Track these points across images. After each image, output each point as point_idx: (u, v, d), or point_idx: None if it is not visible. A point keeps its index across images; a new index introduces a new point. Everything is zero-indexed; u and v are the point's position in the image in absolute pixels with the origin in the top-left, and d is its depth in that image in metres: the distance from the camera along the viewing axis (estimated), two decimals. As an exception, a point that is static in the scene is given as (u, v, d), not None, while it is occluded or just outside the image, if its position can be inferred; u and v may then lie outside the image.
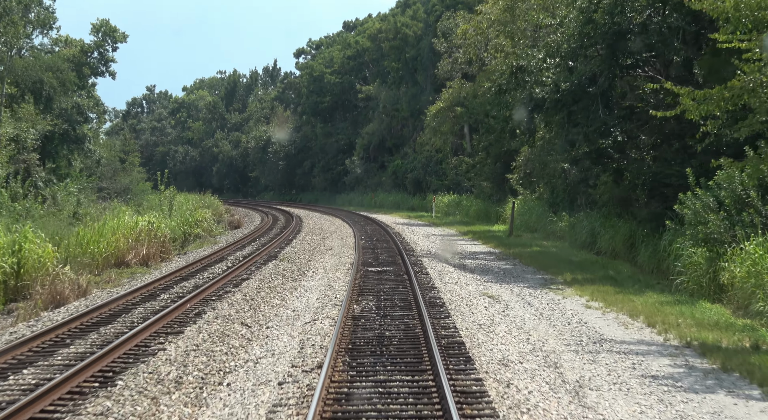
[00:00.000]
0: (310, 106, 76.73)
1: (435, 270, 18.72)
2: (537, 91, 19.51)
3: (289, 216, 45.11)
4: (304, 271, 18.55)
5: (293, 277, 17.16)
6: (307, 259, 21.04)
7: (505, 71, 20.57)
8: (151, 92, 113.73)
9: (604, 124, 18.53)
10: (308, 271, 18.61)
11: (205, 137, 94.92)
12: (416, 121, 62.94)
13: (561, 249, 25.90)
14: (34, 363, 9.54)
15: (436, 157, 57.46)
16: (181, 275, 17.62)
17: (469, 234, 32.79)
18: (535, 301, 15.15)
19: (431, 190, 56.63)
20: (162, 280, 16.46)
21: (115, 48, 57.71)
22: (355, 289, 15.02)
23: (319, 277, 17.45)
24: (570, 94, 18.70)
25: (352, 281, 15.82)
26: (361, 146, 68.92)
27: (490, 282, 17.69)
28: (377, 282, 16.26)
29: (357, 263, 19.40)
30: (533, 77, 19.63)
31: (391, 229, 33.14)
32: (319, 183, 76.43)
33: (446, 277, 17.68)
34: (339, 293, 14.85)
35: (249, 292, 14.84)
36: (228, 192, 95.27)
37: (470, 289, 16.09)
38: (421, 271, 18.31)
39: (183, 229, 32.62)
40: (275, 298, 14.47)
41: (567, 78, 18.63)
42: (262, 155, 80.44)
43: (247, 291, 15.05)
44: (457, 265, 20.48)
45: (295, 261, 20.39)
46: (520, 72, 19.87)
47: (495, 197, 41.58)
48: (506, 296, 15.55)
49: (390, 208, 59.13)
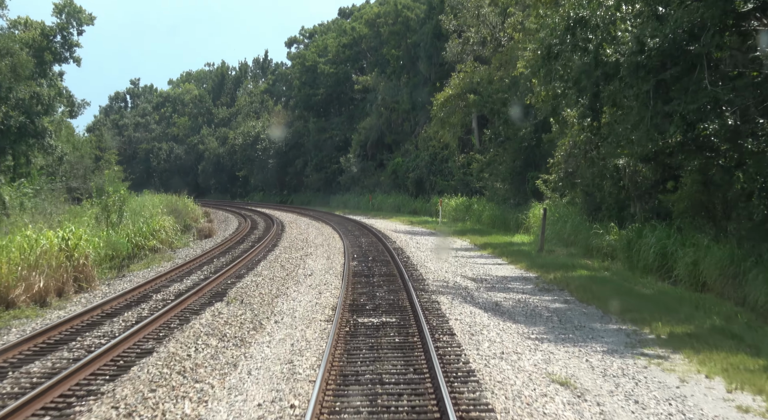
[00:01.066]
0: (303, 99, 70.36)
1: (461, 321, 12.33)
2: (608, 52, 13.26)
3: (271, 222, 38.75)
4: (259, 324, 12.11)
5: (235, 342, 10.65)
6: (272, 297, 14.62)
7: (557, 25, 14.22)
8: (135, 86, 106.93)
9: (713, 100, 12.23)
10: (265, 324, 12.18)
11: (190, 133, 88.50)
12: (418, 115, 56.61)
13: (617, 273, 19.54)
14: None
15: (441, 155, 51.10)
16: (47, 340, 11.05)
17: (488, 248, 26.45)
18: (641, 391, 8.84)
19: (436, 191, 50.28)
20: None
21: (80, 31, 51.44)
22: (331, 378, 8.67)
23: (279, 338, 11.01)
24: (660, 55, 12.43)
25: (330, 352, 9.47)
26: (358, 143, 62.57)
27: (548, 341, 11.36)
28: (372, 354, 9.90)
29: (343, 307, 13.06)
30: (600, 33, 13.38)
31: (391, 242, 26.83)
32: (313, 183, 70.09)
33: (480, 335, 11.29)
34: (301, 389, 8.43)
35: (130, 398, 8.42)
36: (216, 192, 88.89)
37: (525, 365, 9.69)
38: (441, 324, 11.92)
39: (136, 241, 26.48)
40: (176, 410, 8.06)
41: (656, 31, 12.34)
42: (250, 153, 74.06)
43: (126, 396, 8.65)
44: (490, 307, 14.10)
45: (251, 302, 13.95)
46: (580, 26, 13.62)
47: (513, 201, 35.23)
48: (587, 381, 9.21)
49: (389, 211, 52.79)
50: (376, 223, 40.76)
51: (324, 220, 40.64)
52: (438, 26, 51.48)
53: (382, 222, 41.75)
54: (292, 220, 42.42)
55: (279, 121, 74.92)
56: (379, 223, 40.91)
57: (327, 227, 35.62)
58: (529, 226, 31.10)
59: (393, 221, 43.27)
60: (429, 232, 34.16)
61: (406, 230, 35.20)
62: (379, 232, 31.75)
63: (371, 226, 36.32)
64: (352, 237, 29.34)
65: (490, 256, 24.25)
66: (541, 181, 25.10)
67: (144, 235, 27.15)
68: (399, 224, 40.12)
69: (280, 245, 26.33)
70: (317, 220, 41.42)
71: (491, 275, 19.17)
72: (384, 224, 39.81)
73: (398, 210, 52.37)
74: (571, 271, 19.98)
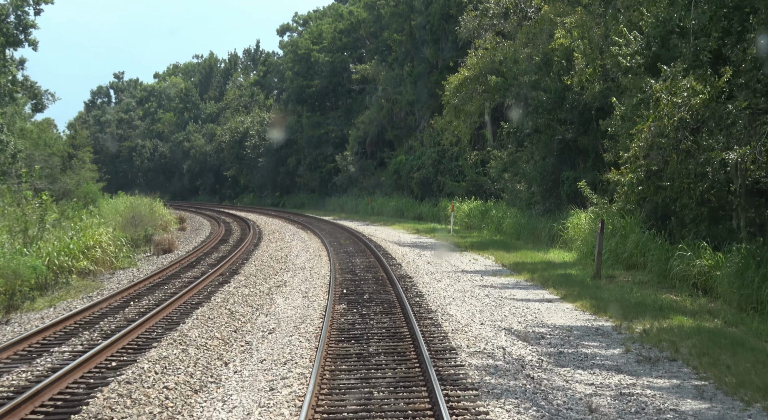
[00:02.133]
0: (296, 92, 63.84)
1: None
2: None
3: (247, 231, 32.15)
4: None
5: None
6: (182, 405, 8.03)
7: None
8: (119, 79, 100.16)
9: None
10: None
11: (176, 130, 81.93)
12: (424, 108, 50.10)
13: (734, 321, 13.01)
14: None
15: (450, 152, 44.60)
16: None
17: (523, 271, 19.93)
18: None
19: (444, 194, 43.79)
20: None
21: (38, 11, 45.11)
22: None
23: None
24: None
25: None
26: (356, 139, 56.07)
27: None
28: None
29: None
30: None
31: (395, 265, 20.36)
32: (307, 184, 63.60)
33: None
34: None
35: None
36: (205, 194, 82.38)
37: None
38: None
39: (60, 262, 20.27)
40: None
41: None
42: (238, 151, 67.51)
43: None
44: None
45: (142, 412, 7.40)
46: None
47: (542, 207, 28.71)
48: None
49: (391, 216, 46.28)
50: (377, 231, 34.26)
51: (313, 229, 34.14)
52: (447, 4, 44.98)
53: (383, 230, 35.24)
54: (276, 228, 35.87)
55: (270, 116, 68.43)
56: (379, 231, 34.40)
57: (315, 240, 29.13)
58: (568, 239, 24.60)
59: (396, 229, 36.77)
60: (440, 244, 27.66)
61: (413, 242, 28.73)
62: (380, 247, 25.29)
63: (370, 237, 29.85)
64: (344, 255, 22.87)
65: (530, 285, 17.73)
66: (611, 177, 18.41)
67: (72, 254, 20.76)
68: (403, 233, 33.62)
69: (245, 269, 19.84)
70: (305, 229, 34.88)
71: (547, 326, 12.64)
72: (385, 233, 33.31)
73: (401, 215, 45.87)
74: (662, 316, 13.41)
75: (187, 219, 45.10)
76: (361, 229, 35.31)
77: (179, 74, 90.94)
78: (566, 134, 27.44)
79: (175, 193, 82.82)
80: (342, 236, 30.34)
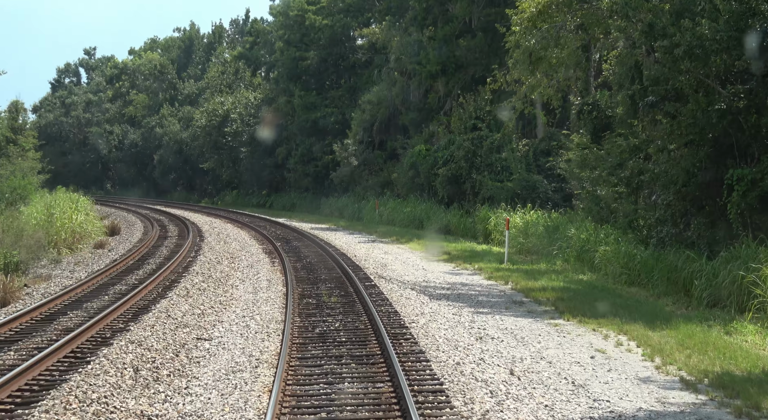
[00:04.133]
0: (287, 66, 51.40)
1: None
2: None
3: (176, 252, 19.64)
4: None
5: None
6: None
7: None
8: (90, 56, 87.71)
9: None
10: None
11: (149, 114, 69.51)
12: (452, 81, 37.73)
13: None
14: None
15: (491, 140, 32.22)
16: None
17: (719, 394, 7.53)
18: None
19: (481, 197, 31.41)
20: None
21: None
22: None
23: None
24: None
25: None
26: (360, 124, 43.70)
27: None
28: None
29: None
30: None
31: (431, 375, 7.93)
32: (298, 180, 51.22)
33: None
34: None
35: None
36: (183, 190, 69.97)
37: None
38: None
39: None
40: None
41: None
42: (216, 138, 55.10)
43: None
44: None
45: None
46: None
47: (690, 231, 16.22)
48: None
49: (406, 226, 34.02)
50: (387, 258, 21.86)
51: (291, 250, 21.76)
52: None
53: (397, 255, 22.81)
54: (232, 251, 23.49)
55: (256, 96, 56.11)
56: (391, 258, 21.98)
57: (276, 281, 16.68)
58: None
59: (415, 251, 24.39)
60: (497, 292, 15.24)
61: (448, 285, 16.37)
62: (392, 304, 13.00)
63: (376, 273, 17.54)
64: (318, 343, 10.57)
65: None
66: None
67: None
68: (427, 262, 21.19)
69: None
70: (272, 256, 22.38)
71: None
72: (400, 262, 20.90)
73: (420, 225, 33.53)
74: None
75: (124, 228, 32.80)
76: (362, 253, 22.92)
77: (158, 50, 78.43)
78: (735, 103, 15.00)
79: (149, 189, 70.61)
80: (329, 274, 17.91)
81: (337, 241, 27.34)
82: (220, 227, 32.79)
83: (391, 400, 8.06)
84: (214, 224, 34.57)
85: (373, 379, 8.90)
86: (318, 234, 30.11)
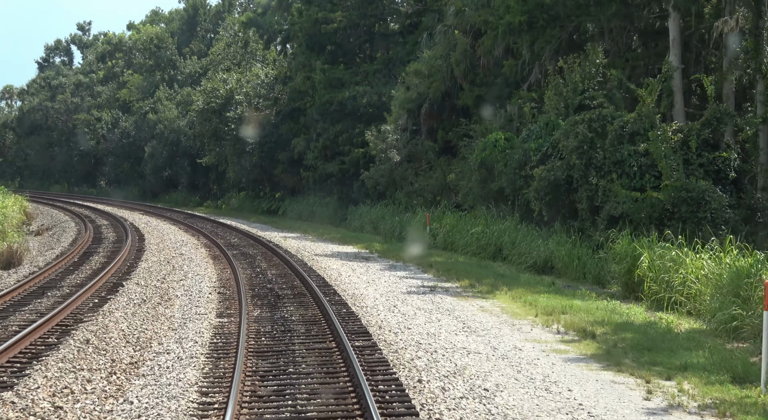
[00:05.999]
0: (306, 33, 39.51)
1: None
2: None
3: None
4: None
5: None
6: None
7: None
8: (84, 32, 76.48)
9: None
10: None
11: (144, 97, 58.03)
12: (541, 39, 25.71)
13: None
14: None
15: (618, 123, 20.03)
16: None
17: None
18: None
19: (606, 215, 19.22)
20: None
21: None
22: None
23: None
24: None
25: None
26: (402, 105, 31.78)
27: None
28: None
29: None
30: None
31: None
32: (319, 181, 39.40)
33: None
34: None
35: None
36: (184, 190, 58.26)
37: None
38: None
39: None
40: None
41: None
42: (216, 125, 43.44)
43: None
44: None
45: None
46: None
47: None
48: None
49: (474, 254, 22.15)
50: (469, 342, 9.69)
51: (275, 325, 9.92)
52: None
53: (481, 323, 10.62)
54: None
55: (270, 73, 44.45)
56: (478, 339, 9.82)
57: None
58: None
59: (518, 321, 12.19)
60: None
61: None
62: None
63: None
64: None
65: None
66: None
67: None
68: (567, 364, 9.14)
69: None
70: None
71: None
72: (497, 350, 8.81)
73: (497, 255, 21.62)
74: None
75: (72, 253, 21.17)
76: (419, 329, 10.84)
77: (161, 24, 66.94)
78: None
79: (145, 188, 59.26)
80: None
81: (370, 289, 15.46)
82: (187, 266, 20.97)
83: None
84: (181, 259, 22.77)
85: None
86: (339, 269, 18.21)
